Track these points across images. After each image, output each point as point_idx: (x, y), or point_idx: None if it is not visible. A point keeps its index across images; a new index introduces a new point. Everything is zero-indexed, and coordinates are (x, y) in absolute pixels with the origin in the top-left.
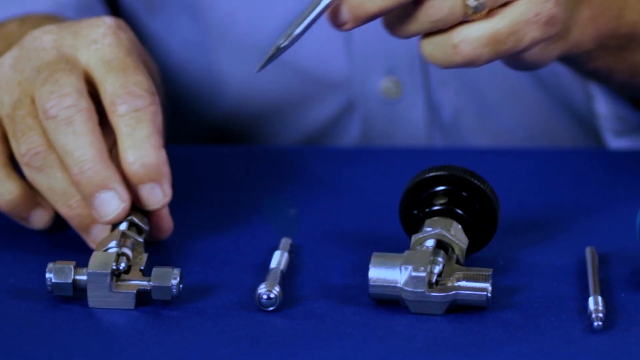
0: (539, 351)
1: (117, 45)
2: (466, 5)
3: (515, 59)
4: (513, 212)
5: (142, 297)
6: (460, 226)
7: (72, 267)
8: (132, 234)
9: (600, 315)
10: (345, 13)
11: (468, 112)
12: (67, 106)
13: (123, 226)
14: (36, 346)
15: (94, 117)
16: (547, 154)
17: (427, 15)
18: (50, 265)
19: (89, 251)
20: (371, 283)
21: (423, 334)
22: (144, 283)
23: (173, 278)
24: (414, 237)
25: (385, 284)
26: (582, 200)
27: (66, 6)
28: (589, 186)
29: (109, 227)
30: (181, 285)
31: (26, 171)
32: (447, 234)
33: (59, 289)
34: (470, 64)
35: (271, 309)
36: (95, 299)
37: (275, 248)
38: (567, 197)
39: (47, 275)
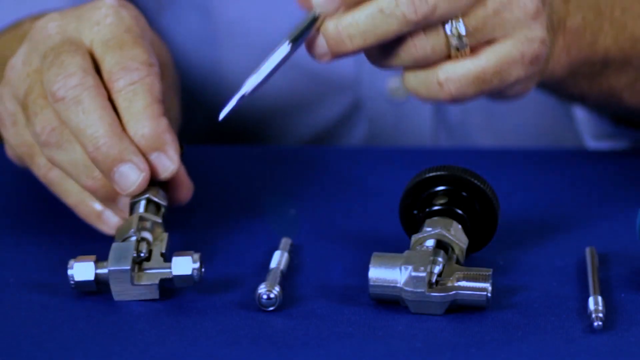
0: (539, 351)
1: (118, 24)
2: (449, 45)
3: (496, 94)
4: (513, 212)
5: (166, 285)
6: (460, 226)
7: (93, 263)
8: (150, 215)
9: (600, 315)
10: (324, 47)
11: (474, 112)
12: (73, 85)
13: (141, 207)
14: (36, 346)
15: (103, 93)
16: (548, 154)
17: (410, 53)
18: (71, 261)
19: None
20: (371, 283)
21: (423, 334)
22: (166, 271)
23: (193, 264)
24: (414, 237)
25: (385, 284)
26: (582, 200)
27: (79, 3)
28: (589, 186)
29: None
30: (203, 269)
31: (46, 152)
32: (447, 234)
33: (82, 287)
34: (454, 101)
35: (271, 308)
36: (118, 293)
37: (275, 248)
38: (567, 197)
39: (69, 272)
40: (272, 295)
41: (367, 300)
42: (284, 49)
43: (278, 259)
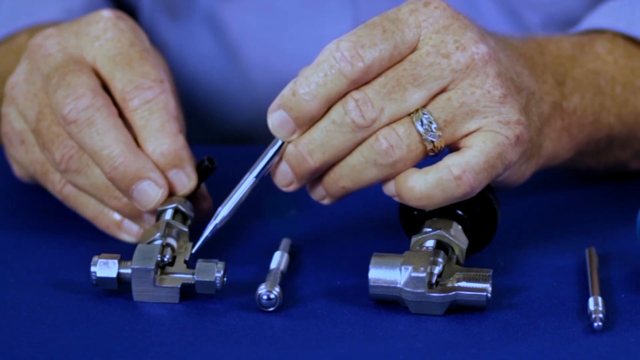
0: (539, 352)
1: (120, 39)
2: (424, 139)
3: (499, 183)
4: (513, 212)
5: (186, 290)
6: (460, 227)
7: (116, 261)
8: (177, 223)
9: (601, 315)
10: (288, 174)
11: None
12: (84, 107)
13: (168, 215)
14: (36, 346)
15: (114, 112)
16: None
17: (387, 156)
18: (95, 258)
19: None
20: (371, 283)
21: (423, 334)
22: (188, 277)
23: (217, 272)
24: (414, 238)
25: (385, 285)
26: (582, 200)
27: (75, 13)
28: (589, 186)
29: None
30: (225, 279)
31: (67, 177)
32: (447, 235)
33: (103, 283)
34: (468, 194)
35: (271, 309)
36: (139, 293)
37: (275, 248)
38: (567, 197)
39: (92, 269)
40: (272, 296)
41: (367, 300)
42: (250, 182)
43: (278, 260)
